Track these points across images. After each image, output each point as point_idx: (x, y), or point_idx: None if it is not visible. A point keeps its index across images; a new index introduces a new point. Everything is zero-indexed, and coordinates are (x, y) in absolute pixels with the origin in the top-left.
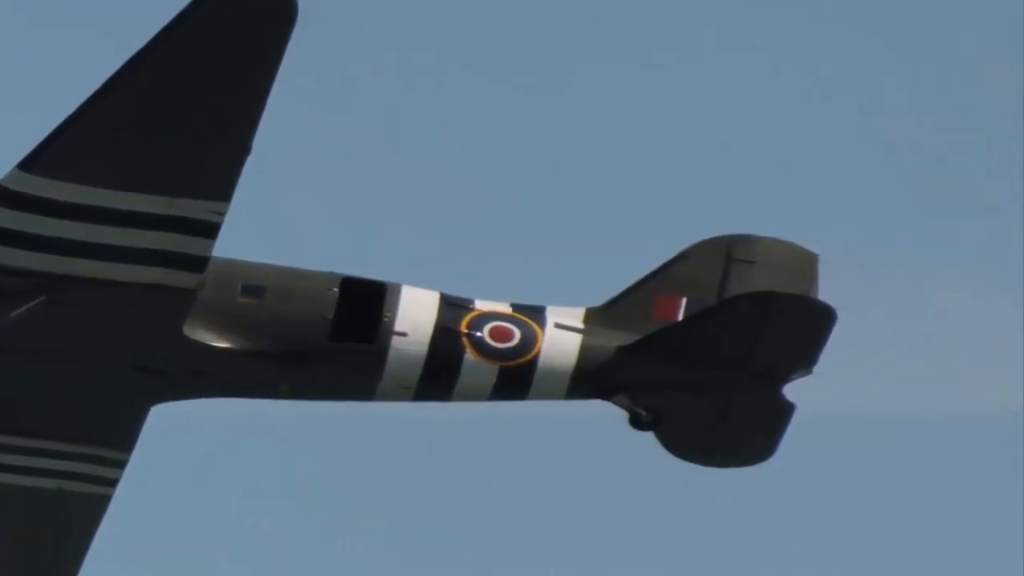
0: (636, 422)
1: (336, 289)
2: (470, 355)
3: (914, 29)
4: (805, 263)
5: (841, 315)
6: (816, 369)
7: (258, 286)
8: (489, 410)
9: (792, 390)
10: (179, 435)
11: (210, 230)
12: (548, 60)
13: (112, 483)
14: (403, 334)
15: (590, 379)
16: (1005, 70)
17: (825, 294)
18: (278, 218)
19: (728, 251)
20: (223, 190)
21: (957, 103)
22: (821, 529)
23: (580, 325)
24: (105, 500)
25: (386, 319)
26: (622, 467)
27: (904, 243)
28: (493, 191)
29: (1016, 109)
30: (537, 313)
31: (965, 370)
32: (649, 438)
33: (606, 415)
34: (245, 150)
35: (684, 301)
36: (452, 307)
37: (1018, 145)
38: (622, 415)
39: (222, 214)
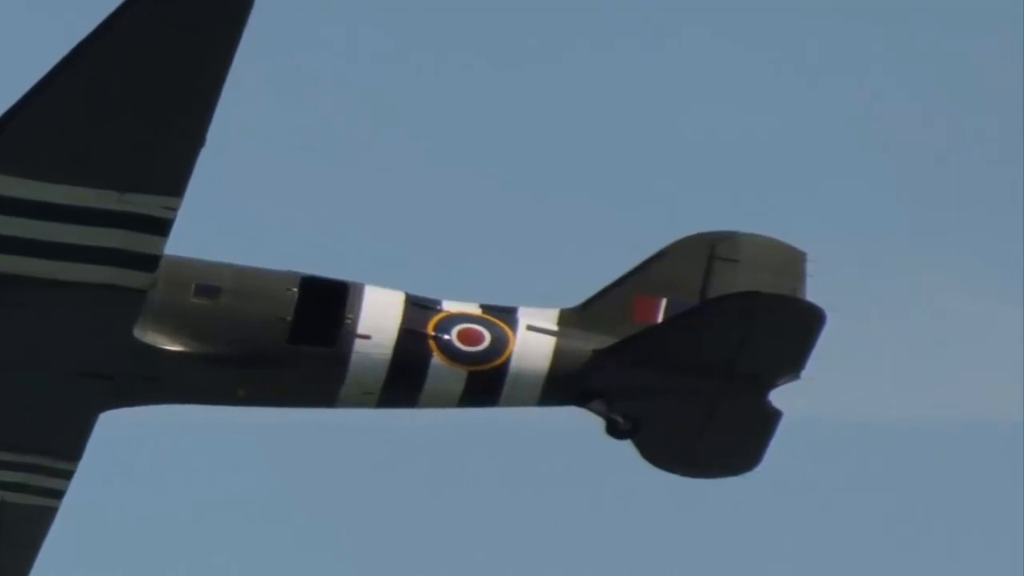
0: (613, 430)
1: (295, 289)
2: (437, 359)
3: (912, 24)
4: (791, 261)
5: (830, 316)
6: (804, 373)
7: (213, 286)
8: (458, 417)
9: (778, 396)
10: (134, 443)
11: (162, 227)
12: (519, 50)
13: (58, 494)
14: (366, 337)
15: (564, 384)
16: (1005, 66)
17: (813, 294)
18: (234, 214)
19: (710, 249)
20: (176, 184)
21: (956, 98)
22: (808, 543)
23: (554, 327)
24: (50, 512)
25: (348, 321)
26: (598, 477)
27: (898, 239)
28: (462, 186)
29: (1016, 104)
30: (508, 314)
31: (963, 375)
32: (627, 447)
33: (581, 422)
34: (199, 142)
35: (664, 302)
36: (418, 308)
37: (1018, 141)
38: (598, 422)
39: (175, 209)
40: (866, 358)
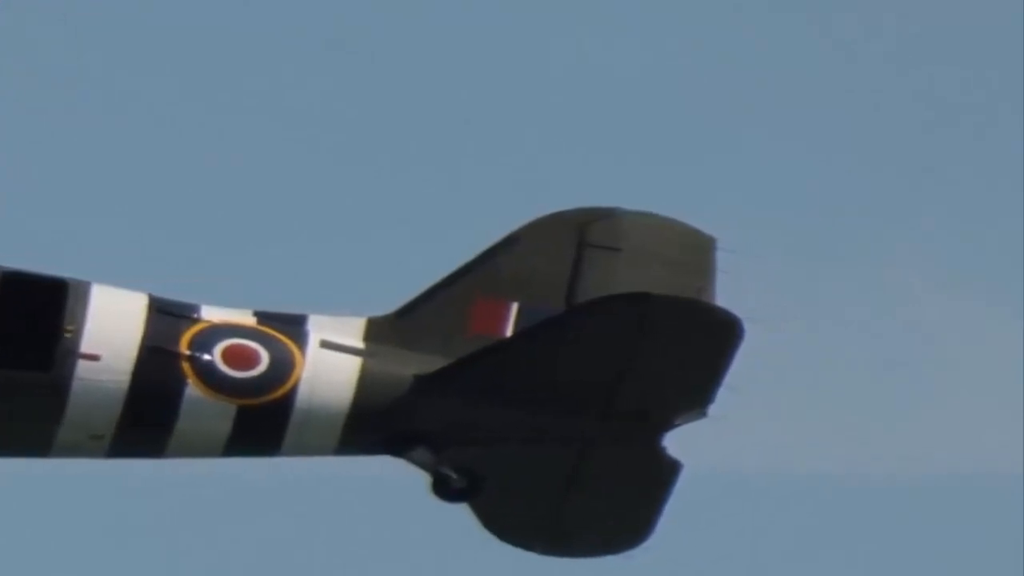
0: (442, 488)
1: None
2: (194, 388)
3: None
4: (696, 250)
5: (750, 328)
6: (712, 409)
7: None
8: (230, 467)
9: (677, 440)
10: None
11: None
12: None
13: None
14: (93, 357)
15: (374, 424)
16: (991, 21)
17: (727, 297)
18: None
19: (581, 233)
20: None
21: (933, 39)
22: None
23: (359, 344)
24: None
25: (67, 335)
26: (420, 553)
27: (854, 222)
28: (229, 151)
29: (1012, 59)
30: (294, 326)
31: (941, 413)
32: (462, 511)
33: (397, 477)
34: None
35: (515, 308)
36: (167, 317)
37: (1016, 127)
38: (423, 477)
39: None
40: (802, 387)
